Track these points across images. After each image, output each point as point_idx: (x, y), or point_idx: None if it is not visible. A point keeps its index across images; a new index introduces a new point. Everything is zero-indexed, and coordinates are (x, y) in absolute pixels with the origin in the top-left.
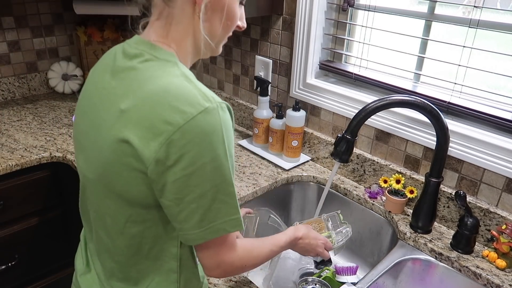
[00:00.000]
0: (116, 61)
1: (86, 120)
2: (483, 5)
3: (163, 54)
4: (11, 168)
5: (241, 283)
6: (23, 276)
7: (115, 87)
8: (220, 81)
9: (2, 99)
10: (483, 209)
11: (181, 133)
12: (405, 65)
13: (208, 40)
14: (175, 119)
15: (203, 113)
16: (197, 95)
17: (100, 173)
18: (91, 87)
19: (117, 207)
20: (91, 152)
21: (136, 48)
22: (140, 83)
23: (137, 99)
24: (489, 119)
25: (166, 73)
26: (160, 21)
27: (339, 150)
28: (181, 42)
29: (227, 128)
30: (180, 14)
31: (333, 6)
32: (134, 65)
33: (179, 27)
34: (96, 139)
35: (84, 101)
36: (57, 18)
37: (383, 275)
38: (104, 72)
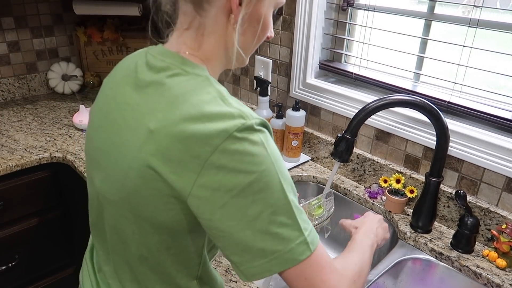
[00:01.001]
0: (139, 73)
1: (103, 137)
2: (483, 4)
3: (193, 68)
4: (11, 169)
5: (242, 283)
6: (23, 276)
7: (139, 104)
8: (220, 81)
9: (2, 100)
10: (483, 208)
11: (220, 153)
12: (405, 65)
13: (241, 53)
14: (212, 139)
15: (240, 130)
16: (234, 113)
17: (124, 197)
18: (108, 100)
19: (142, 232)
20: (112, 172)
21: (163, 61)
22: (169, 101)
23: (167, 120)
24: (489, 118)
25: (198, 89)
26: (191, 31)
27: (339, 150)
28: (213, 54)
29: (268, 143)
30: (213, 25)
31: (333, 6)
32: (161, 79)
33: (211, 39)
34: (119, 160)
35: (100, 115)
36: (56, 19)
37: (384, 275)
38: (124, 85)
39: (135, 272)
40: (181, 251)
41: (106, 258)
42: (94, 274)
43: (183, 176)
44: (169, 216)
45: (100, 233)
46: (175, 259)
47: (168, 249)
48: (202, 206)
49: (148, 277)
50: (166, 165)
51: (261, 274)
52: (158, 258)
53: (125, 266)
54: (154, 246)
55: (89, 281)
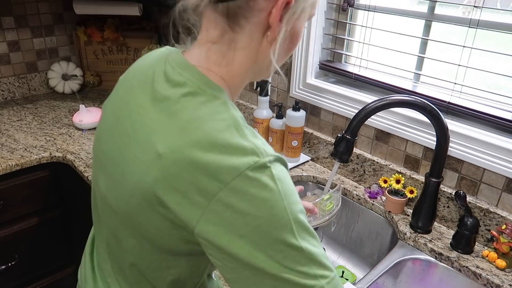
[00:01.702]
0: (155, 83)
1: (113, 143)
2: (483, 5)
3: (212, 89)
4: (11, 168)
5: None
6: (23, 276)
7: (152, 119)
8: None
9: (2, 99)
10: (483, 209)
11: (229, 191)
12: (405, 65)
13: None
14: (221, 175)
15: (252, 168)
16: (246, 147)
17: (127, 212)
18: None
19: (142, 248)
20: (118, 184)
21: (181, 75)
22: (181, 125)
23: (176, 146)
24: (489, 119)
25: (213, 115)
26: (220, 45)
27: (339, 150)
28: (240, 71)
29: (283, 182)
30: (247, 41)
31: (333, 6)
32: (176, 97)
33: (242, 55)
34: (126, 174)
35: (112, 118)
36: (57, 18)
37: (383, 275)
38: (140, 93)
39: (131, 280)
40: (182, 271)
41: (106, 258)
42: (93, 270)
43: (189, 209)
44: (172, 240)
45: (101, 233)
46: (174, 278)
47: (168, 268)
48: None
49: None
50: (172, 195)
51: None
52: (156, 274)
53: (123, 271)
54: (154, 263)
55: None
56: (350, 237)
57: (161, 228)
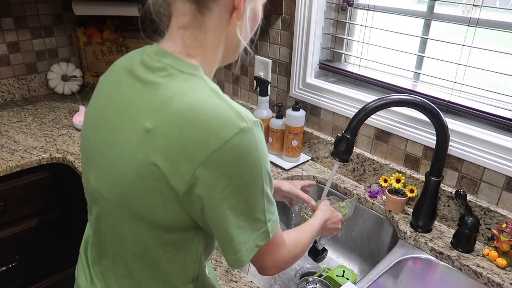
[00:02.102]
0: (135, 72)
1: (100, 135)
2: (482, 3)
3: (188, 68)
4: (11, 169)
5: (241, 283)
6: (23, 277)
7: (135, 103)
8: (219, 81)
9: (2, 100)
10: (483, 208)
11: (215, 157)
12: (404, 64)
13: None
14: (208, 143)
15: (238, 134)
16: (230, 114)
17: (120, 195)
18: (104, 98)
19: (138, 230)
20: (108, 171)
21: (159, 61)
22: (165, 100)
23: (163, 118)
24: (489, 117)
25: (193, 88)
26: (190, 30)
27: (339, 150)
28: (212, 52)
29: (262, 147)
30: (216, 22)
31: (333, 5)
32: (156, 79)
33: (213, 36)
34: (115, 158)
35: (96, 113)
36: (56, 19)
37: (384, 275)
38: (120, 84)
39: (130, 268)
40: (178, 248)
41: (103, 252)
42: (88, 267)
43: (178, 176)
44: (166, 215)
45: (97, 227)
46: (171, 257)
47: (165, 246)
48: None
49: (143, 274)
50: (162, 165)
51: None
52: (154, 255)
53: (121, 261)
54: (150, 242)
55: (83, 274)
56: (351, 236)
57: (155, 204)
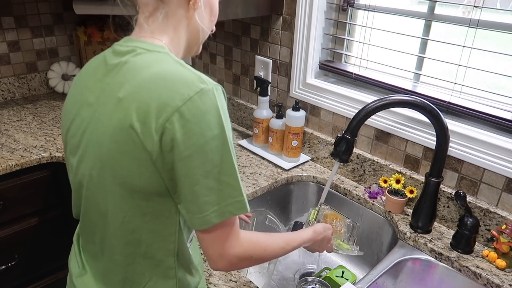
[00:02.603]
0: (107, 61)
1: (79, 122)
2: (483, 5)
3: (154, 47)
4: (11, 168)
5: (241, 283)
6: (23, 276)
7: (109, 83)
8: (220, 81)
9: (2, 99)
10: (483, 209)
11: (179, 114)
12: (405, 65)
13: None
14: (173, 101)
15: (199, 94)
16: (192, 77)
17: (100, 167)
18: (81, 90)
19: (118, 199)
20: (89, 148)
21: (127, 46)
22: (134, 72)
23: (133, 86)
24: (489, 119)
25: (160, 61)
26: (153, 17)
27: (339, 150)
28: (174, 37)
29: (223, 108)
30: (175, 11)
31: (333, 6)
32: (126, 59)
33: (173, 22)
34: (93, 133)
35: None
36: (57, 18)
37: (383, 275)
38: (95, 74)
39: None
40: (156, 218)
41: (89, 237)
42: (80, 254)
43: (149, 135)
44: (142, 180)
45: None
46: (150, 227)
47: (143, 215)
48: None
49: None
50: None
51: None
52: (133, 225)
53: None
54: (129, 211)
55: (75, 260)
56: None
57: (131, 169)
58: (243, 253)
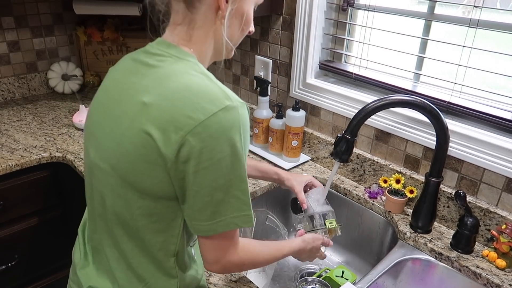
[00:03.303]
0: (137, 58)
1: (101, 112)
2: (483, 5)
3: (184, 55)
4: (11, 168)
5: (241, 283)
6: (23, 276)
7: (135, 82)
8: (220, 81)
9: (2, 99)
10: (483, 209)
11: (201, 128)
12: (405, 65)
13: (230, 44)
14: (196, 115)
15: (223, 110)
16: (218, 93)
17: (114, 163)
18: (109, 82)
19: (128, 197)
20: (105, 142)
21: (158, 49)
22: (161, 80)
23: (159, 95)
24: (489, 119)
25: (187, 71)
26: (183, 26)
27: (339, 150)
28: (202, 46)
29: (245, 127)
30: (203, 20)
31: (333, 6)
32: (154, 63)
33: (201, 32)
34: (113, 129)
35: (101, 94)
36: (57, 18)
37: (383, 275)
38: (124, 69)
39: (117, 239)
40: (161, 220)
41: (94, 227)
42: (84, 245)
43: (167, 143)
44: (153, 183)
45: (91, 202)
46: (155, 228)
47: (150, 216)
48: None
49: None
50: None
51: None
52: (139, 224)
53: (109, 233)
54: (137, 210)
55: (79, 251)
56: (350, 237)
57: (144, 171)
58: (238, 260)
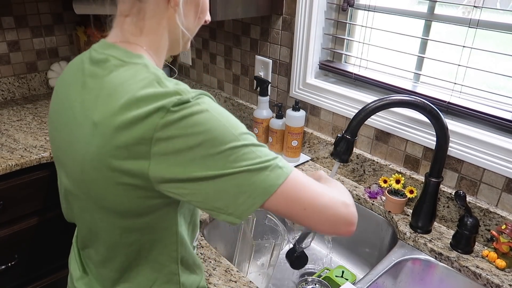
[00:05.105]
0: (84, 69)
1: (60, 136)
2: (483, 5)
3: (131, 57)
4: (11, 168)
5: (241, 283)
6: (23, 276)
7: (84, 99)
8: (220, 81)
9: (2, 99)
10: (483, 209)
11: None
12: (405, 65)
13: (187, 34)
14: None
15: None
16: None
17: (85, 191)
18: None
19: (110, 220)
20: (71, 169)
21: (102, 53)
22: (109, 93)
23: (108, 111)
24: (489, 119)
25: (135, 77)
26: (131, 17)
27: (339, 150)
28: (155, 38)
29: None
30: (154, 9)
31: (333, 6)
32: (101, 72)
33: (153, 23)
34: (74, 156)
35: (57, 116)
36: (57, 18)
37: (383, 275)
38: (72, 83)
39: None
40: (153, 230)
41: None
42: (79, 257)
43: (136, 159)
44: (132, 203)
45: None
46: (150, 238)
47: (139, 230)
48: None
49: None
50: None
51: (249, 210)
52: (131, 239)
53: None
54: (125, 229)
55: (75, 261)
56: (350, 237)
57: (118, 194)
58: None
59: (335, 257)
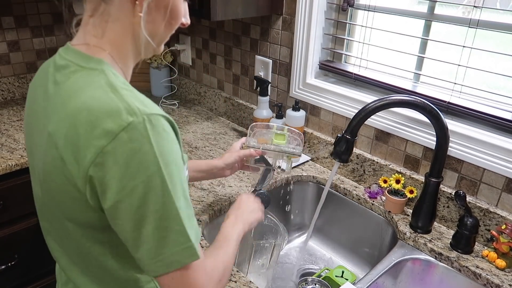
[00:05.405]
0: (49, 75)
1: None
2: (483, 5)
3: (89, 62)
4: (11, 168)
5: (241, 283)
6: (22, 276)
7: (44, 107)
8: (220, 81)
9: (2, 99)
10: (483, 209)
11: (104, 155)
12: (405, 65)
13: (150, 40)
14: (98, 140)
15: (126, 129)
16: (120, 109)
17: (48, 201)
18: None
19: (75, 229)
20: (37, 179)
21: (64, 59)
22: (63, 101)
23: (61, 120)
24: (489, 119)
25: (90, 85)
26: (95, 18)
27: (339, 150)
28: (119, 42)
29: (160, 142)
30: (118, 12)
31: (333, 6)
32: (60, 79)
33: (117, 26)
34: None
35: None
36: (57, 18)
37: (383, 275)
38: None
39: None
40: (116, 245)
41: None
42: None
43: (76, 176)
44: (87, 216)
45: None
46: (114, 252)
47: (102, 244)
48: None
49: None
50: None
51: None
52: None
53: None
54: (88, 241)
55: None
56: (350, 237)
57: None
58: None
59: (335, 257)
